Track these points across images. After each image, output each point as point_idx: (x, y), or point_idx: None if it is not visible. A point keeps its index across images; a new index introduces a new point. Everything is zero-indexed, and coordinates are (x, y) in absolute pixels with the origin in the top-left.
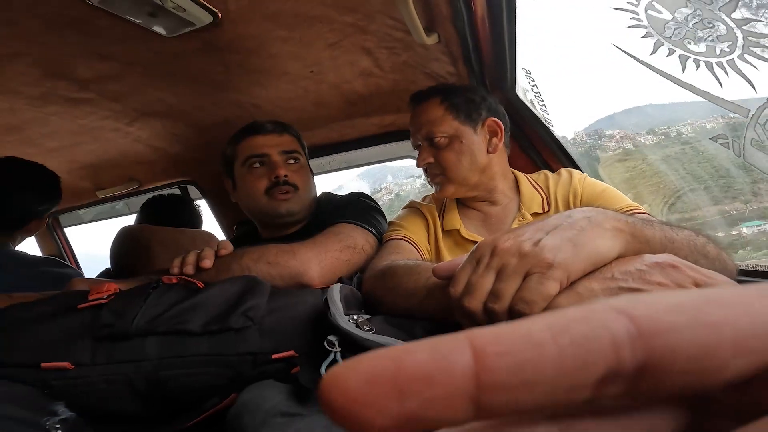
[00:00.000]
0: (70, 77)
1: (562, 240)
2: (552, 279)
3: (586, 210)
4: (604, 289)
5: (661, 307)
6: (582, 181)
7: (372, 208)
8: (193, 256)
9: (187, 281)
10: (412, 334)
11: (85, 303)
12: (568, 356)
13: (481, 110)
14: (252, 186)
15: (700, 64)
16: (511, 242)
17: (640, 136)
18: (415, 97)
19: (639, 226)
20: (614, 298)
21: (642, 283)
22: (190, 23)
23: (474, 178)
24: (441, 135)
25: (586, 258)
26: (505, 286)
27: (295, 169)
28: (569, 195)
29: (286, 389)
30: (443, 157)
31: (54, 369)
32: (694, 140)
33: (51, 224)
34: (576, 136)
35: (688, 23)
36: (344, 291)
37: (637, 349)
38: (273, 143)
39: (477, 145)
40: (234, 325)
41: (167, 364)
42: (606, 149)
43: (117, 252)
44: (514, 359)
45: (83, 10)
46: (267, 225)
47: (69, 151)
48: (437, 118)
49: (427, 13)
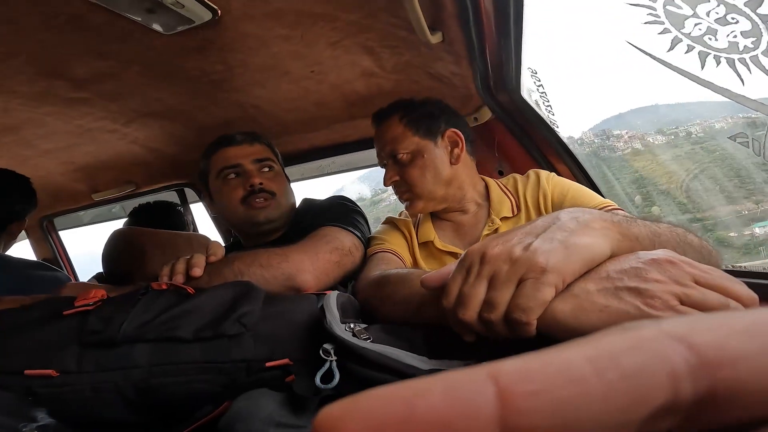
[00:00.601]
0: (67, 76)
1: (553, 242)
2: (547, 284)
3: (572, 210)
4: (600, 290)
5: (724, 332)
6: (550, 180)
7: (354, 211)
8: (182, 264)
9: (178, 287)
10: (411, 342)
11: (71, 309)
12: (618, 392)
13: (440, 123)
14: (228, 197)
15: (721, 61)
16: (501, 248)
17: (649, 136)
18: (376, 116)
19: (625, 224)
20: (667, 321)
21: (639, 281)
22: (189, 20)
23: (440, 192)
24: (403, 152)
25: (579, 259)
26: (499, 295)
27: (270, 176)
28: (539, 196)
29: (280, 398)
30: (408, 173)
31: (38, 376)
32: (704, 140)
33: (46, 227)
34: (583, 135)
35: (710, 18)
36: (341, 299)
37: (699, 380)
38: (245, 153)
39: (439, 158)
40: (227, 332)
41: (158, 372)
42: (614, 149)
43: (109, 255)
44: (551, 399)
45: (80, 6)
46: (247, 234)
47: (65, 153)
48: (398, 135)
49: (432, 11)
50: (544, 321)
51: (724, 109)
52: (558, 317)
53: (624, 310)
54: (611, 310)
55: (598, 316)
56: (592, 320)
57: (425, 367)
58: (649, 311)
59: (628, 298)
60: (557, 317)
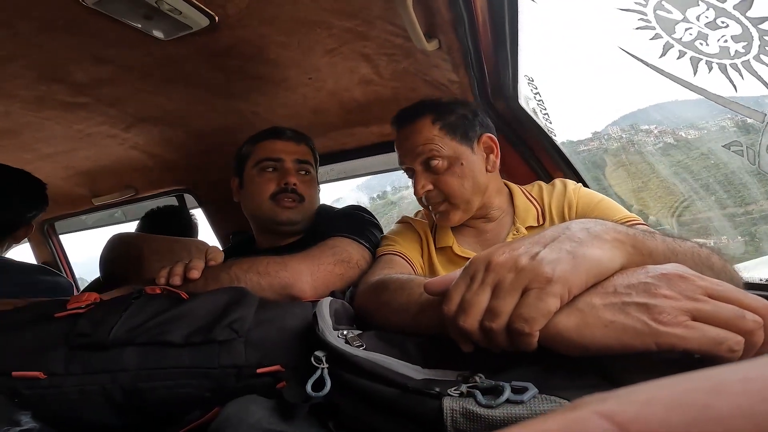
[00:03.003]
0: (66, 81)
1: (561, 252)
2: (552, 294)
3: (585, 221)
4: (606, 305)
5: (648, 406)
6: (577, 191)
7: (369, 222)
8: (180, 266)
9: (171, 291)
10: (405, 350)
11: (62, 312)
12: None
13: (476, 127)
14: (259, 188)
15: (713, 66)
16: (507, 256)
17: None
18: (402, 116)
19: (640, 237)
20: (597, 398)
21: (648, 297)
22: (186, 26)
23: (477, 202)
24: (439, 158)
25: (586, 271)
26: (501, 303)
27: (305, 180)
28: (564, 206)
29: (270, 404)
30: (444, 182)
31: (25, 378)
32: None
33: (46, 231)
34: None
35: (700, 23)
36: (335, 305)
37: None
38: (289, 150)
39: (477, 165)
40: (218, 337)
41: (146, 376)
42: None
43: (107, 259)
44: None
45: (78, 12)
46: (265, 230)
47: (65, 157)
48: (433, 137)
49: (427, 19)
50: (546, 334)
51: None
52: (561, 331)
53: (630, 326)
54: (616, 326)
55: (602, 332)
56: (596, 336)
57: (418, 377)
58: (657, 327)
59: (635, 314)
60: (560, 331)
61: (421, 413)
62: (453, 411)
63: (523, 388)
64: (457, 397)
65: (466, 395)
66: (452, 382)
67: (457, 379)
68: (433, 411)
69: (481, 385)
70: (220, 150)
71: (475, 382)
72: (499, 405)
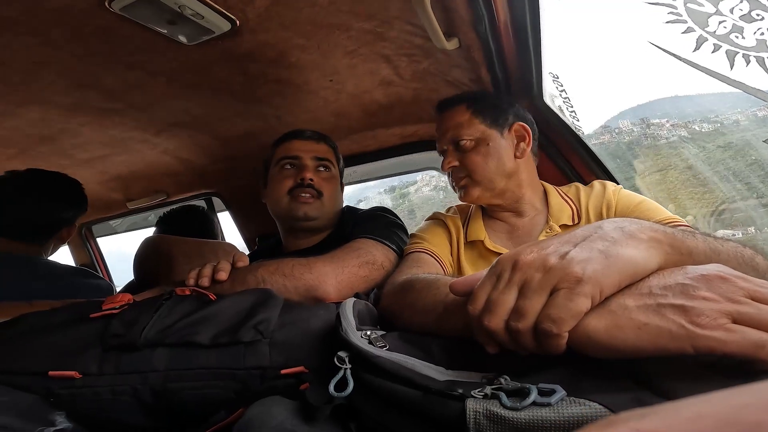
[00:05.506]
0: (98, 87)
1: (592, 252)
2: (582, 294)
3: (618, 220)
4: (640, 306)
5: (674, 422)
6: (617, 192)
7: (394, 224)
8: (209, 268)
9: (200, 293)
10: (428, 351)
11: (97, 313)
12: None
13: (508, 115)
14: (278, 185)
15: (751, 60)
16: (535, 255)
17: None
18: (442, 104)
19: (679, 236)
20: (631, 415)
21: (685, 298)
22: (209, 30)
23: (500, 183)
24: (467, 138)
25: (619, 271)
26: (528, 303)
27: (323, 176)
28: (602, 207)
29: (293, 406)
30: (468, 159)
31: (61, 378)
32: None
33: (84, 234)
34: None
35: (734, 15)
36: (358, 306)
37: None
38: (307, 148)
39: (504, 149)
40: (243, 339)
41: (174, 376)
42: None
43: (140, 262)
44: None
45: (106, 18)
46: (289, 230)
47: (100, 162)
48: (463, 122)
49: (446, 17)
50: (575, 336)
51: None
52: (591, 333)
53: (666, 329)
54: (650, 329)
55: (636, 334)
56: (629, 339)
57: (441, 378)
58: (695, 330)
59: (671, 316)
60: (590, 333)
61: (443, 415)
62: (476, 413)
63: (550, 391)
64: (481, 399)
65: (491, 397)
66: (476, 383)
67: (481, 380)
68: (456, 413)
69: (506, 387)
70: (245, 154)
71: (500, 383)
72: (525, 407)
